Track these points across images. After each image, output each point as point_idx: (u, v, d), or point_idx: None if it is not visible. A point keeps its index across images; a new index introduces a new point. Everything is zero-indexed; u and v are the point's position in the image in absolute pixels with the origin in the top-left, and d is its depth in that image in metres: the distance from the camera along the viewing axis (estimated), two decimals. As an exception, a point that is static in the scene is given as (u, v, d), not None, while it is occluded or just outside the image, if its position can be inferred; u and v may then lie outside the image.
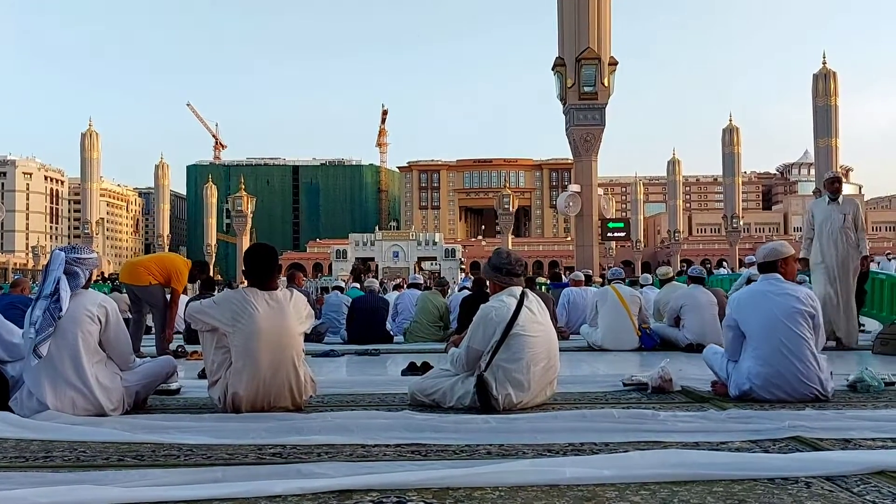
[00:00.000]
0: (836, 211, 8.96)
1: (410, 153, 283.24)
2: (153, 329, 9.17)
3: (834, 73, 33.54)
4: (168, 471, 2.92)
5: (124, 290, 9.62)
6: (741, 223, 48.45)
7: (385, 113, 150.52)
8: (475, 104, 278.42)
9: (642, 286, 12.59)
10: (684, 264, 36.90)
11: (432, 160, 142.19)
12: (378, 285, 14.32)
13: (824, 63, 33.85)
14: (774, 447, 3.34)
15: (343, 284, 15.52)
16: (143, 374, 4.56)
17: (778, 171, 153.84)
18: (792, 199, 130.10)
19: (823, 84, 33.50)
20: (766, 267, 4.99)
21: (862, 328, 11.55)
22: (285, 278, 12.62)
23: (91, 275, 4.51)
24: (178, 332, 10.09)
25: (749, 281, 13.14)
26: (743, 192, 56.08)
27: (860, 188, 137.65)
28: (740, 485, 2.66)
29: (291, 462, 3.08)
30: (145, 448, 3.39)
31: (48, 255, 4.42)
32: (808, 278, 12.64)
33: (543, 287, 17.60)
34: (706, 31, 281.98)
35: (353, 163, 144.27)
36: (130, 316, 9.09)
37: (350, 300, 11.88)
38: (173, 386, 5.10)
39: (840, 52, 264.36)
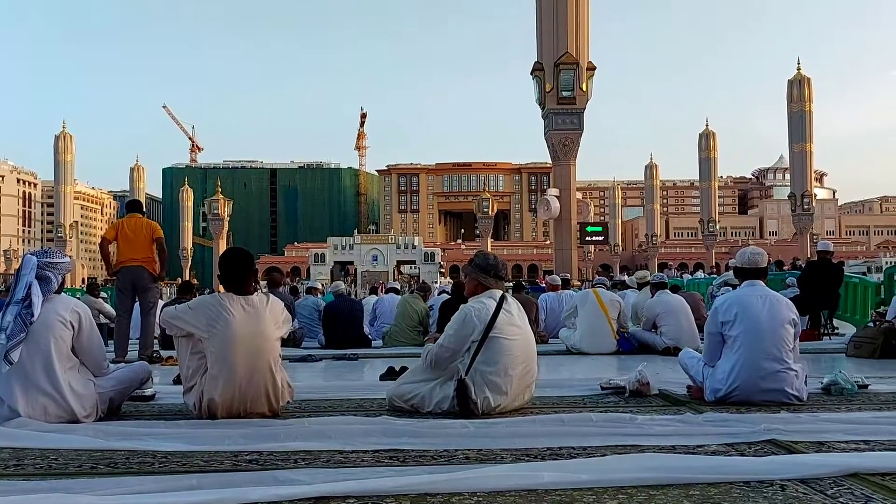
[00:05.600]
0: None
1: (389, 156, 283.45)
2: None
3: (808, 79, 34.05)
4: (142, 478, 2.89)
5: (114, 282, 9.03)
6: (717, 227, 49.03)
7: (364, 116, 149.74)
8: (455, 108, 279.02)
9: (627, 287, 12.62)
10: (716, 267, 32.34)
11: (411, 164, 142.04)
12: (344, 286, 14.13)
13: (799, 69, 34.36)
14: (750, 450, 3.37)
15: (319, 286, 15.42)
16: (117, 380, 4.50)
17: (753, 175, 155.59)
18: (767, 203, 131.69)
19: (798, 90, 34.00)
20: (745, 273, 5.01)
21: (836, 331, 11.73)
22: (265, 282, 12.40)
23: (64, 279, 4.44)
24: (154, 337, 9.96)
25: (728, 285, 13.29)
26: (719, 197, 56.85)
27: (834, 193, 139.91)
28: (716, 488, 2.68)
29: (268, 469, 3.06)
30: (119, 455, 3.35)
31: (20, 260, 4.35)
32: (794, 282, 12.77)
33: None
34: (683, 37, 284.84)
35: (332, 166, 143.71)
36: (103, 321, 8.94)
37: (323, 303, 11.80)
38: (148, 392, 5.04)
39: (814, 57, 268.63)
